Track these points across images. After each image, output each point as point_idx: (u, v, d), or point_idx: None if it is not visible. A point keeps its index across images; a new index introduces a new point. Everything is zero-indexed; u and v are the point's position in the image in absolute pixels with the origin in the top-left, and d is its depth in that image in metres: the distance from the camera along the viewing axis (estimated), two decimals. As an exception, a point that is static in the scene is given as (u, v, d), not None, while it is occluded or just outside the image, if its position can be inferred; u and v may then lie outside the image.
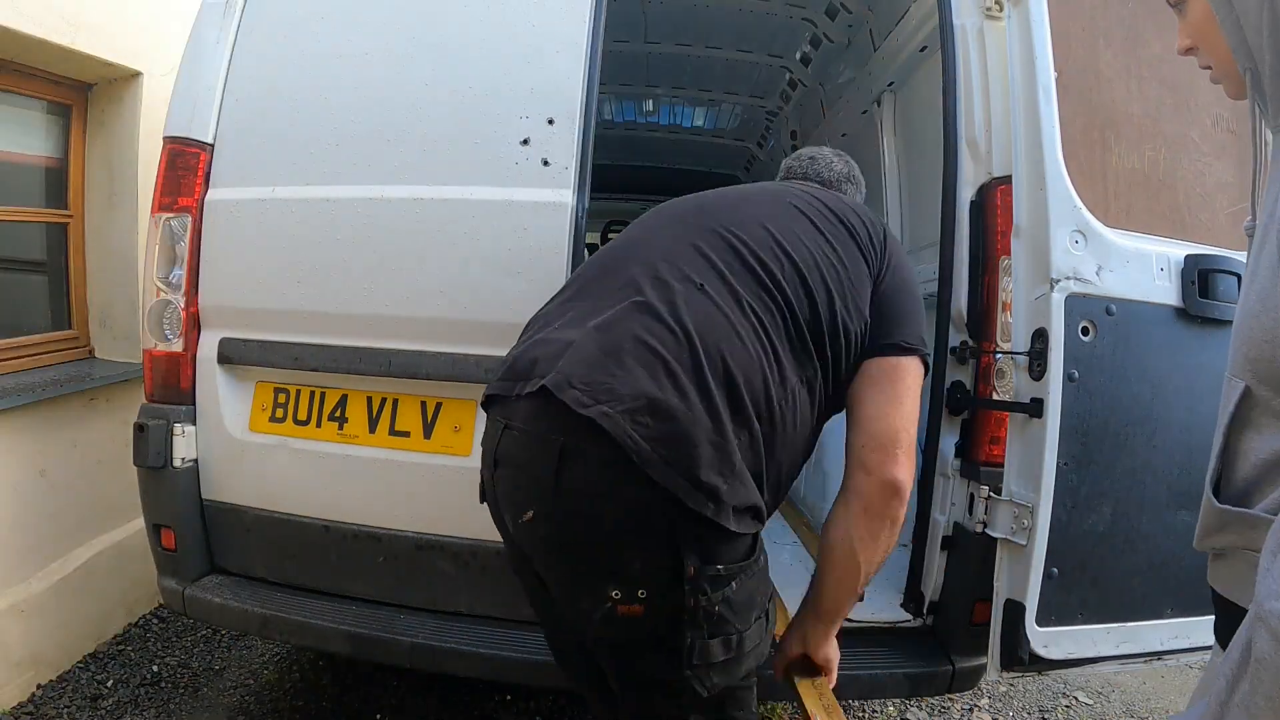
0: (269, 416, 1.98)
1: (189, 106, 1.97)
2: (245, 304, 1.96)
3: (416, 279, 1.85)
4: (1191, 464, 1.63)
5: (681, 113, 4.78)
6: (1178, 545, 1.64)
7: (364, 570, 1.92)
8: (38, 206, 2.85)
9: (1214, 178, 1.80)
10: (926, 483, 1.91)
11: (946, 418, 1.85)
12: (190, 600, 1.94)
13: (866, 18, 3.08)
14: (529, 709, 2.47)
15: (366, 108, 1.90)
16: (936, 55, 2.02)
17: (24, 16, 2.38)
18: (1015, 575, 1.59)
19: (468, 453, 1.86)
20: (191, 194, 1.94)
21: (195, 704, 2.46)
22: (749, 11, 3.35)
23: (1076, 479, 1.55)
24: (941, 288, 1.86)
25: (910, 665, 1.79)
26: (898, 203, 3.14)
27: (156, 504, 1.98)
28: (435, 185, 1.84)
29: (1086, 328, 1.55)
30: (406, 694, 2.54)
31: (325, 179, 1.90)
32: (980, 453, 1.78)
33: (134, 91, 2.91)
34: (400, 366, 1.86)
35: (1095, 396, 1.56)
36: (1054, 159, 1.57)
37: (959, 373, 1.83)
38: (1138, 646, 1.64)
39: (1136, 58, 1.76)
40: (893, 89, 3.07)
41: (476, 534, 1.85)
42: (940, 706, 2.72)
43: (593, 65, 1.83)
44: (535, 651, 1.76)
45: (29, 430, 2.48)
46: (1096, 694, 2.90)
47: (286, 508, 1.95)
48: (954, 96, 1.82)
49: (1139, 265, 1.61)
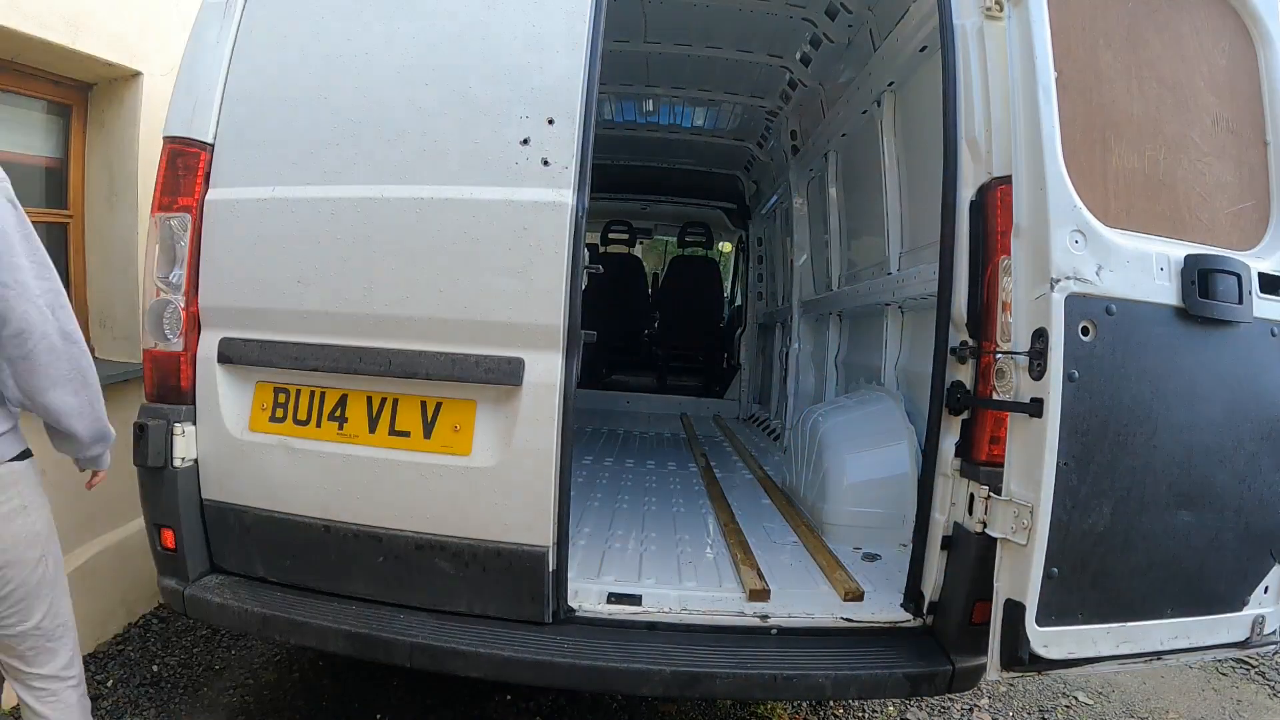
0: (269, 416, 1.98)
1: (189, 106, 1.97)
2: (245, 304, 1.96)
3: (416, 279, 1.85)
4: (1191, 464, 1.63)
5: (681, 113, 4.79)
6: (1178, 545, 1.64)
7: (364, 570, 1.92)
8: (38, 206, 2.84)
9: (1214, 178, 1.80)
10: (926, 483, 1.91)
11: (946, 418, 1.86)
12: (190, 600, 1.94)
13: (866, 18, 3.08)
14: (529, 709, 2.48)
15: (366, 108, 1.90)
16: (936, 55, 2.02)
17: (25, 16, 2.38)
18: (1015, 575, 1.59)
19: (468, 453, 1.86)
20: (191, 194, 1.94)
21: (195, 704, 2.46)
22: (749, 11, 3.35)
23: (1076, 479, 1.55)
24: (941, 288, 1.86)
25: (910, 665, 1.79)
26: (898, 203, 3.14)
27: (156, 504, 1.98)
28: (435, 185, 1.84)
29: (1086, 328, 1.55)
30: (406, 694, 2.54)
31: (325, 179, 1.90)
32: (980, 453, 1.78)
33: (134, 91, 2.91)
34: (400, 366, 1.86)
35: (1095, 396, 1.55)
36: (1054, 159, 1.57)
37: (959, 373, 1.83)
38: (1138, 646, 1.64)
39: (1136, 58, 1.75)
40: (893, 89, 3.07)
41: (476, 534, 1.86)
42: (940, 706, 2.72)
43: (593, 65, 1.83)
44: (535, 651, 1.77)
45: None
46: (1096, 694, 2.90)
47: (286, 507, 1.95)
48: (954, 96, 1.82)
49: (1139, 265, 1.61)
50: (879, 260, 3.32)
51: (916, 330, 2.95)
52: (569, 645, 1.80)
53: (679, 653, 1.79)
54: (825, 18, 3.28)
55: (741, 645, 1.86)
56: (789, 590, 2.12)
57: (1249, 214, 1.83)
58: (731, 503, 3.05)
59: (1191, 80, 1.81)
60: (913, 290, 2.80)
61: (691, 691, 2.05)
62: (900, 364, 3.06)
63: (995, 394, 1.72)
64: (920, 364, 2.59)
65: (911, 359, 2.95)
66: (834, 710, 2.67)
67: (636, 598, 2.00)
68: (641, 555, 2.41)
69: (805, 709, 2.65)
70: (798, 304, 4.63)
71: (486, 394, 1.86)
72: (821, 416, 2.97)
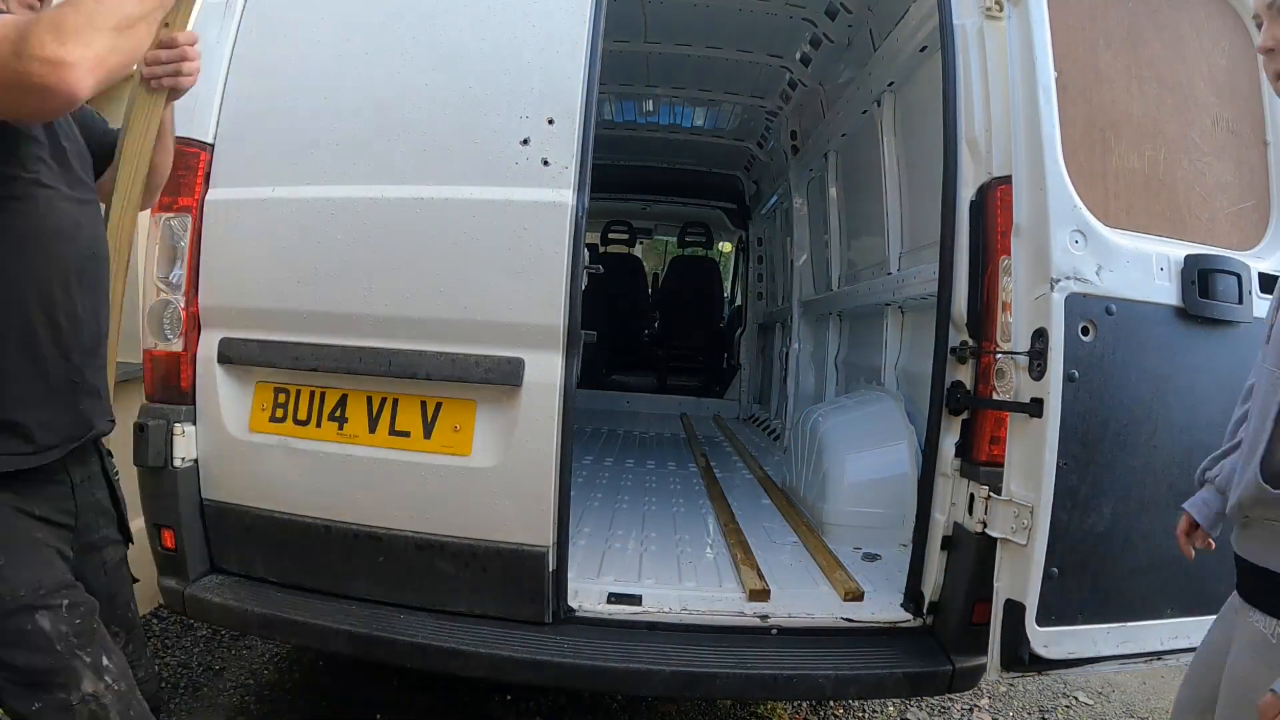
0: (269, 416, 1.98)
1: (189, 106, 1.96)
2: (245, 304, 1.96)
3: (416, 279, 1.85)
4: (1191, 464, 1.63)
5: (681, 113, 4.79)
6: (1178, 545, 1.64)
7: (364, 570, 1.92)
8: (38, 206, 2.84)
9: (1214, 178, 1.80)
10: (926, 483, 1.91)
11: (946, 418, 1.86)
12: (190, 600, 1.94)
13: (866, 18, 3.08)
14: (529, 709, 2.47)
15: (366, 108, 1.90)
16: (936, 55, 2.02)
17: (24, 16, 2.38)
18: (1015, 575, 1.59)
19: (468, 453, 1.86)
20: (191, 194, 1.94)
21: (195, 704, 2.46)
22: (749, 11, 3.35)
23: (1076, 479, 1.55)
24: (941, 288, 1.87)
25: (910, 665, 1.79)
26: (898, 202, 3.15)
27: (156, 504, 1.98)
28: (435, 185, 1.84)
29: (1086, 327, 1.55)
30: (406, 694, 2.54)
31: (325, 179, 1.90)
32: (980, 453, 1.78)
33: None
34: (400, 366, 1.86)
35: (1095, 396, 1.55)
36: (1054, 159, 1.57)
37: (959, 373, 1.83)
38: (1138, 646, 1.64)
39: (1136, 58, 1.76)
40: (893, 89, 3.07)
41: (476, 534, 1.86)
42: (940, 706, 2.72)
43: (593, 65, 1.83)
44: (535, 651, 1.77)
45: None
46: (1096, 694, 2.90)
47: (286, 508, 1.95)
48: (954, 96, 1.82)
49: (1139, 265, 1.61)
50: (879, 260, 3.32)
51: (916, 330, 2.95)
52: (569, 645, 1.80)
53: (679, 653, 1.79)
54: (825, 18, 3.28)
55: (741, 645, 1.86)
56: (789, 590, 2.12)
57: (1249, 214, 1.83)
58: (731, 503, 3.05)
59: (1191, 80, 1.81)
60: (913, 290, 2.80)
61: (691, 691, 2.06)
62: (900, 364, 3.06)
63: (995, 394, 1.72)
64: (920, 364, 2.59)
65: (911, 359, 2.95)
66: (834, 710, 2.67)
67: (636, 598, 2.00)
68: (641, 555, 2.41)
69: (805, 709, 2.65)
70: (798, 304, 4.63)
71: (486, 394, 1.86)
72: (821, 416, 2.97)
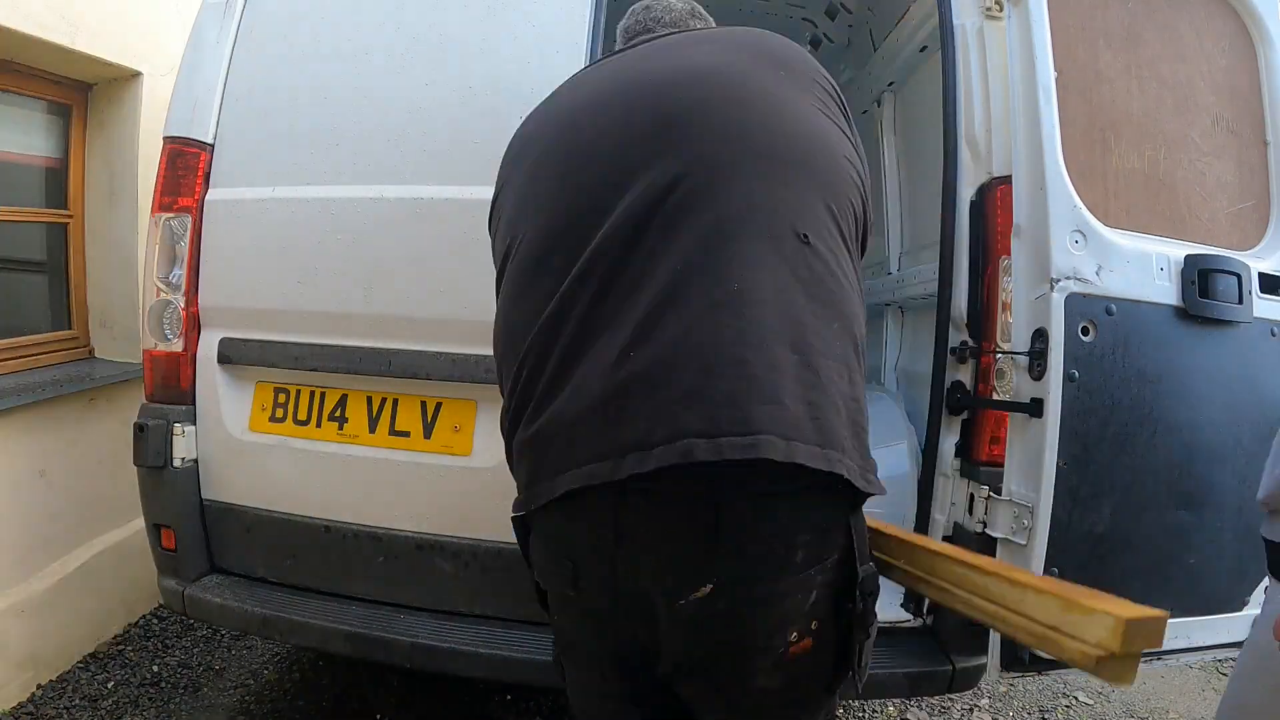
0: (269, 416, 1.98)
1: (189, 106, 1.97)
2: (245, 304, 1.96)
3: (416, 279, 1.84)
4: (1191, 464, 1.63)
5: (682, 112, 4.78)
6: (1178, 545, 1.64)
7: (364, 570, 1.92)
8: (38, 206, 2.85)
9: (1214, 178, 1.80)
10: (926, 483, 1.91)
11: (946, 418, 1.85)
12: (190, 600, 1.94)
13: (866, 18, 3.09)
14: (529, 709, 2.47)
15: (366, 107, 1.89)
16: (936, 55, 2.02)
17: (24, 16, 2.38)
18: (1015, 575, 1.59)
19: (468, 452, 1.86)
20: (191, 194, 1.94)
21: (195, 704, 2.46)
22: (749, 12, 3.35)
23: (1076, 479, 1.55)
24: (941, 288, 1.86)
25: (910, 665, 1.79)
26: (898, 203, 3.14)
27: (156, 504, 1.98)
28: (435, 185, 1.84)
29: (1086, 327, 1.55)
30: (406, 694, 2.54)
31: (325, 179, 1.90)
32: (980, 453, 1.77)
33: (134, 91, 2.91)
34: (400, 366, 1.86)
35: (1095, 396, 1.56)
36: (1054, 159, 1.57)
37: (959, 373, 1.83)
38: (1138, 646, 1.64)
39: (1136, 58, 1.76)
40: (893, 89, 3.07)
41: (476, 534, 1.86)
42: (940, 706, 2.72)
43: (593, 65, 1.83)
44: (535, 651, 1.76)
45: (29, 430, 2.48)
46: (1096, 694, 2.90)
47: (286, 508, 1.95)
48: (954, 96, 1.82)
49: (1139, 265, 1.61)
50: (879, 260, 3.32)
51: (916, 330, 2.95)
52: (569, 645, 1.80)
53: (679, 653, 1.79)
54: (825, 18, 3.28)
55: (741, 645, 1.86)
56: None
57: (1249, 214, 1.83)
58: (731, 503, 3.04)
59: (1191, 80, 1.81)
60: (913, 290, 2.80)
61: (691, 691, 2.05)
62: (900, 364, 3.06)
63: (995, 394, 1.72)
64: (920, 364, 2.59)
65: (911, 359, 2.95)
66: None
67: (636, 598, 2.00)
68: (641, 555, 2.41)
69: (805, 709, 2.65)
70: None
71: (487, 394, 1.86)
72: (821, 416, 2.95)
